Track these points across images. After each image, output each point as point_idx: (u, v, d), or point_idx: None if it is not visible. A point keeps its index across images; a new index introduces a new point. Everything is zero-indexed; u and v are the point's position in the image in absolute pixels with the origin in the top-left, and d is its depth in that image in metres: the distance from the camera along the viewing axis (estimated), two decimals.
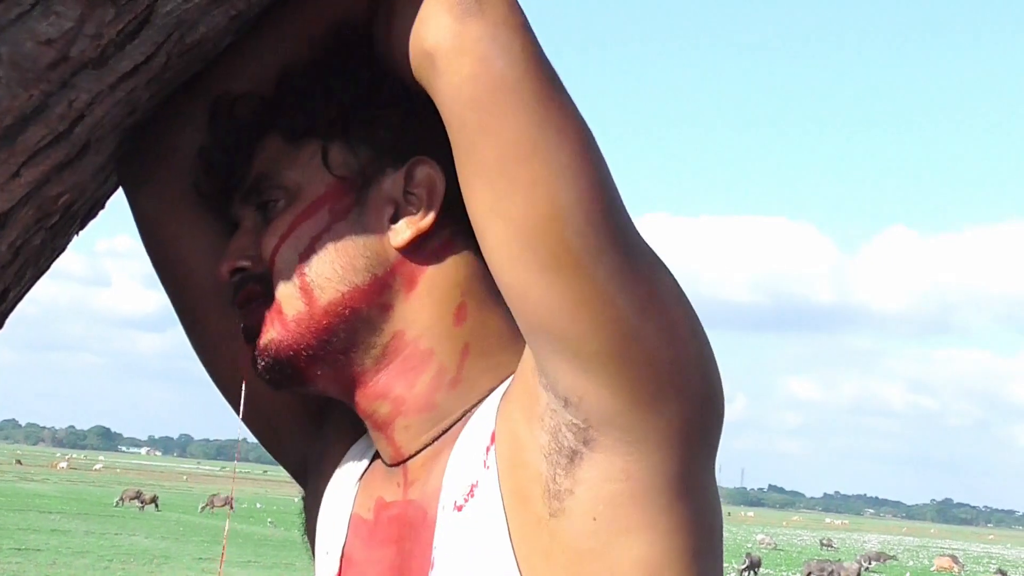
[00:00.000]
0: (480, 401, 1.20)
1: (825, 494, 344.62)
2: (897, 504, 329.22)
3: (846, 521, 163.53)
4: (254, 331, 1.25)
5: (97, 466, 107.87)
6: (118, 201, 1.42)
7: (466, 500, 1.14)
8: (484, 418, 1.17)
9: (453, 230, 1.22)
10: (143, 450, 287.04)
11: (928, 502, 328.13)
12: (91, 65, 1.07)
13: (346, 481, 1.32)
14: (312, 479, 1.40)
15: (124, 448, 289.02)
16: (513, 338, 1.20)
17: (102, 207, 1.43)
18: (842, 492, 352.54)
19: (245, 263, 1.25)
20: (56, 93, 1.07)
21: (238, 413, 1.36)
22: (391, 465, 1.25)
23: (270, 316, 1.23)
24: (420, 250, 1.22)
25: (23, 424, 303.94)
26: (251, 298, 1.25)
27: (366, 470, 1.31)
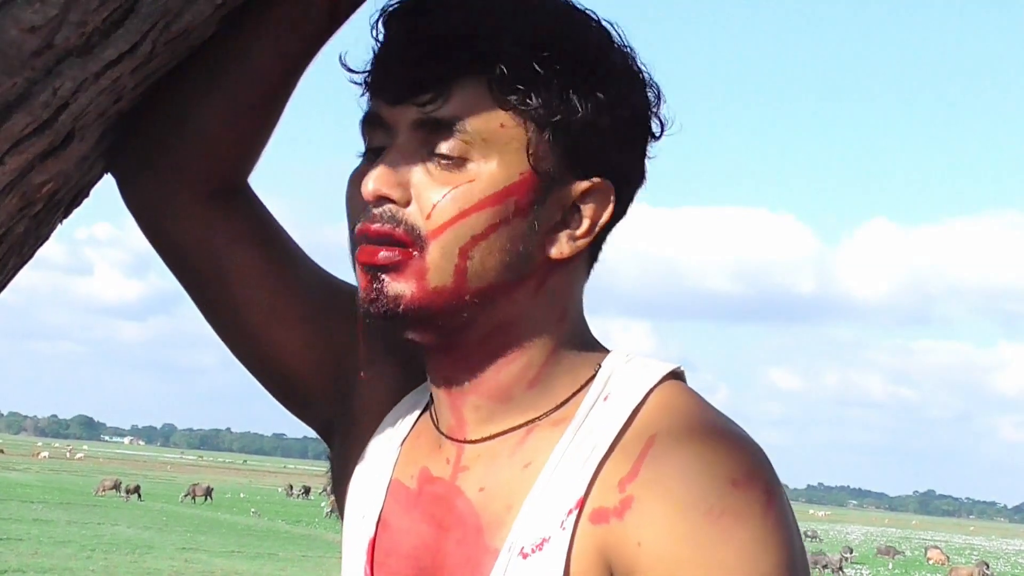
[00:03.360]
0: (552, 411, 1.22)
1: (808, 485, 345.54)
2: (880, 495, 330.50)
3: (829, 512, 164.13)
4: (380, 268, 1.20)
5: (79, 455, 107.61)
6: (99, 189, 1.42)
7: (533, 551, 1.15)
8: (569, 471, 1.17)
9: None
10: (126, 439, 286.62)
11: (911, 493, 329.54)
12: (76, 53, 1.07)
13: (386, 445, 1.32)
14: (341, 439, 1.40)
15: (107, 437, 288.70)
16: (589, 345, 1.26)
17: (86, 195, 1.42)
18: (825, 483, 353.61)
19: (396, 195, 1.20)
20: (40, 81, 1.07)
21: (270, 390, 1.41)
22: (447, 436, 1.26)
23: (409, 271, 1.19)
24: (562, 260, 1.23)
25: (5, 413, 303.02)
26: (392, 237, 1.20)
27: (408, 434, 1.31)
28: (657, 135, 1.26)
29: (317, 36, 1.30)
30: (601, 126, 1.20)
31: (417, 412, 1.32)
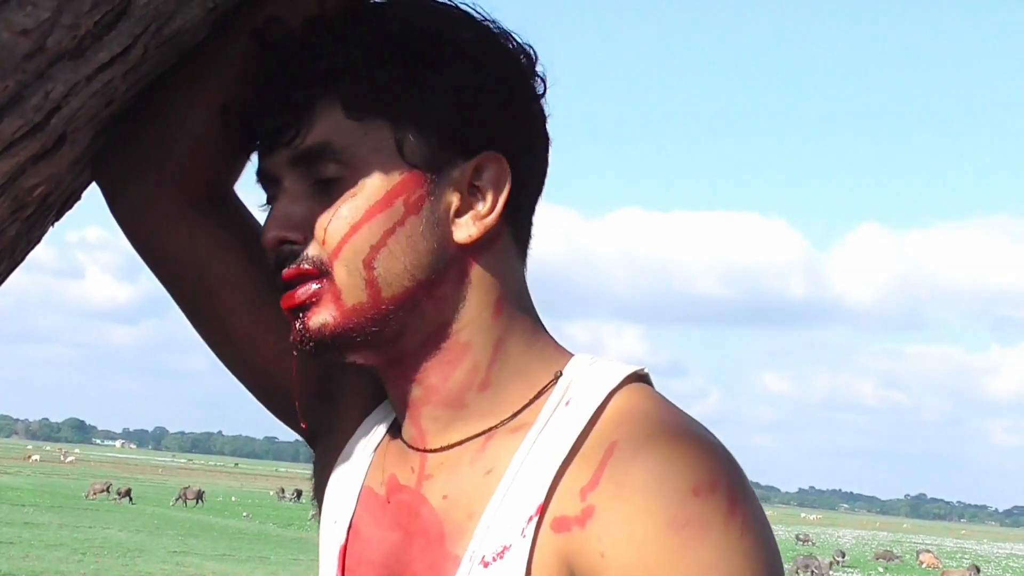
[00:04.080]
0: (510, 418, 1.22)
1: (800, 489, 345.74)
2: (871, 499, 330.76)
3: (820, 516, 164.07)
4: (301, 307, 1.22)
5: (70, 459, 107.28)
6: (90, 193, 1.42)
7: (494, 559, 1.15)
8: (529, 478, 1.17)
9: (503, 221, 1.23)
10: (118, 443, 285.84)
11: (902, 497, 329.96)
12: (68, 56, 1.07)
13: (360, 452, 1.33)
14: (323, 444, 1.40)
15: (99, 441, 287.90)
16: (539, 342, 1.24)
17: (78, 199, 1.42)
18: (816, 487, 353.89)
19: (294, 235, 1.22)
20: (32, 84, 1.07)
21: (257, 396, 1.42)
22: (410, 446, 1.26)
23: (326, 298, 1.21)
24: (476, 242, 1.22)
25: None
26: (302, 275, 1.22)
27: (380, 442, 1.32)
28: (539, 94, 1.26)
29: None
30: (466, 103, 1.20)
31: (391, 419, 1.32)
